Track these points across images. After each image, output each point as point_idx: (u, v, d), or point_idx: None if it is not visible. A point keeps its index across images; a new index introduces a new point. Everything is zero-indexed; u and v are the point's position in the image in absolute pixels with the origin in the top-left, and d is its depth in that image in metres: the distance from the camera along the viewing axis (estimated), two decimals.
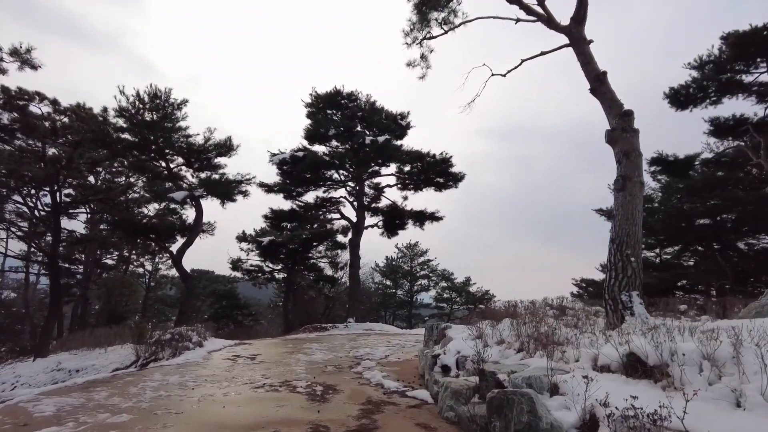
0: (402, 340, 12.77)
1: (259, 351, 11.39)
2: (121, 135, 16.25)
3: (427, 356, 6.87)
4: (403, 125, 20.47)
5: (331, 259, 31.66)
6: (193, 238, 17.64)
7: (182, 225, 18.78)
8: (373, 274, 38.40)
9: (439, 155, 19.62)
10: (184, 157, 17.61)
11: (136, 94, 16.17)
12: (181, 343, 11.83)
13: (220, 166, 18.48)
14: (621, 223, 7.74)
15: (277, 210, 22.33)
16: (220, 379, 7.19)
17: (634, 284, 7.18)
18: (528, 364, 4.97)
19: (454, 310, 38.97)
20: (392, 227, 23.29)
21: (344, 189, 22.55)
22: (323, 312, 33.92)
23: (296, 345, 12.43)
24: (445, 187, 20.92)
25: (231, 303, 43.78)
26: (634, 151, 8.04)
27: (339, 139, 20.20)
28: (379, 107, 20.92)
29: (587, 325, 7.00)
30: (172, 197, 16.22)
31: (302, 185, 20.83)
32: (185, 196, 16.43)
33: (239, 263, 27.20)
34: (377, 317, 37.53)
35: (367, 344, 11.97)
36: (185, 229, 18.43)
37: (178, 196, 16.22)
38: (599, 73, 8.72)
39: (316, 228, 26.63)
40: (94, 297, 25.52)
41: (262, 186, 20.10)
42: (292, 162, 19.36)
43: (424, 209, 21.78)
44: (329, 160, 19.00)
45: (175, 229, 18.70)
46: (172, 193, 16.24)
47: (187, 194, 16.47)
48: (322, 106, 21.03)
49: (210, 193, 17.19)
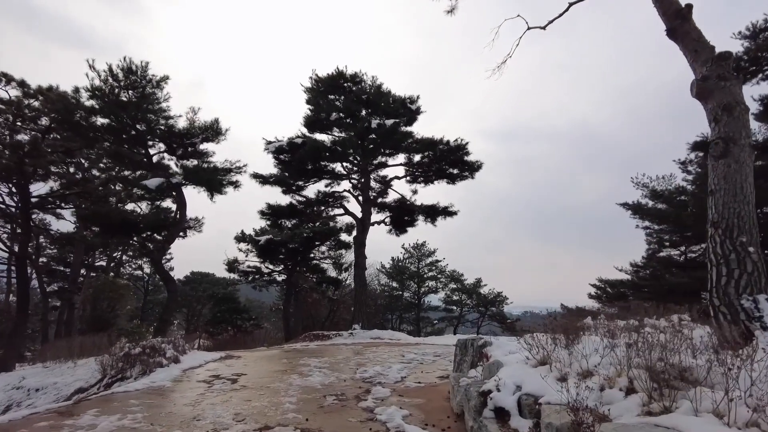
0: (418, 353, 10.71)
1: (245, 368, 9.36)
2: (95, 118, 14.29)
3: (467, 390, 4.80)
4: (412, 110, 18.40)
5: (334, 260, 29.70)
6: (174, 235, 15.64)
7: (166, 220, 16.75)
8: (378, 276, 36.52)
9: (454, 142, 17.54)
10: (165, 142, 15.63)
11: (108, 70, 14.16)
12: (153, 358, 9.83)
13: (207, 154, 16.42)
14: (726, 201, 5.63)
15: (275, 205, 20.31)
16: (175, 422, 5.15)
17: (759, 284, 5.10)
18: (660, 423, 2.91)
19: (464, 313, 37.08)
20: (401, 224, 21.24)
21: (348, 182, 20.54)
22: (327, 316, 31.95)
23: (292, 360, 10.39)
24: (460, 178, 18.82)
25: (230, 307, 41.89)
26: (739, 105, 5.95)
27: (342, 125, 18.18)
28: (386, 90, 18.90)
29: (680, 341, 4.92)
30: (145, 185, 14.14)
31: (302, 177, 18.80)
32: (161, 184, 14.33)
33: (235, 264, 25.22)
34: (383, 321, 35.54)
35: (376, 359, 9.91)
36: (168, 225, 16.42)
37: (152, 184, 14.15)
38: (680, 8, 6.66)
39: (317, 226, 24.63)
40: (80, 302, 23.61)
41: (257, 177, 18.05)
42: (290, 150, 17.35)
43: (436, 203, 19.73)
44: (331, 146, 16.94)
45: (159, 225, 16.67)
46: (146, 180, 14.18)
47: (164, 181, 14.38)
48: (323, 90, 19.03)
49: (192, 182, 15.12)
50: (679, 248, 28.75)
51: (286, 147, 17.51)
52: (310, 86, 19.39)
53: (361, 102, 18.06)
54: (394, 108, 17.85)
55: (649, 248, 30.67)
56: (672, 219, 21.83)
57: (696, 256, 28.48)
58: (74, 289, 23.78)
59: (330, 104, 18.44)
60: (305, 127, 19.14)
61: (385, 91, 18.70)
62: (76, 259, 25.27)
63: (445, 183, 19.95)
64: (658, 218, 22.21)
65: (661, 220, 22.49)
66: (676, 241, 28.07)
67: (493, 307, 36.64)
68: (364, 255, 18.47)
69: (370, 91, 18.51)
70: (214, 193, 16.61)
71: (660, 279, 21.63)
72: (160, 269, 15.70)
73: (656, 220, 23.91)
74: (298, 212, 21.05)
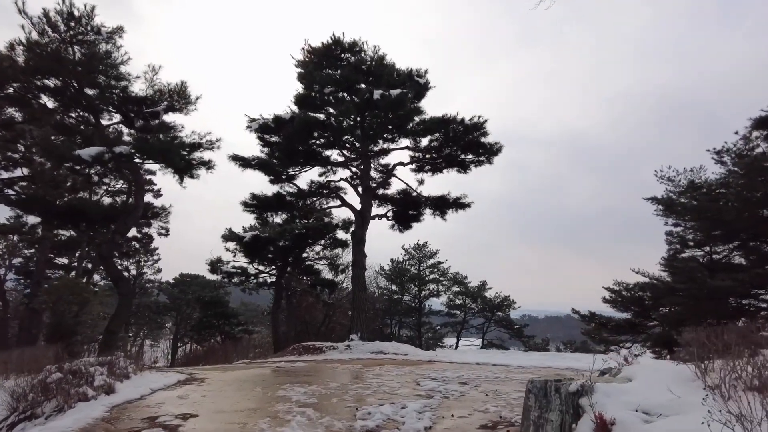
0: (437, 378, 8.10)
1: (201, 403, 6.72)
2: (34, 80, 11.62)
3: None
4: (420, 84, 15.81)
5: (330, 260, 27.07)
6: (129, 224, 12.97)
7: (119, 207, 14.04)
8: (377, 278, 33.98)
9: (469, 120, 14.94)
10: (121, 111, 12.94)
11: (43, 15, 11.44)
12: (76, 388, 7.18)
13: (173, 127, 13.69)
14: None
15: (260, 196, 17.62)
16: None
17: None
18: None
19: (468, 318, 34.65)
20: (405, 218, 18.65)
21: (347, 169, 17.92)
22: (322, 321, 29.32)
23: (270, 387, 7.76)
24: (477, 164, 16.24)
25: (218, 311, 39.04)
26: None
27: (339, 102, 15.54)
28: (390, 63, 16.34)
29: None
30: (77, 155, 11.28)
31: (292, 163, 16.14)
32: (99, 154, 11.45)
33: (219, 265, 22.54)
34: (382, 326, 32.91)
35: (382, 388, 7.28)
36: (121, 213, 13.65)
37: (87, 153, 11.28)
38: None
39: (311, 222, 21.99)
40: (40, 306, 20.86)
41: (236, 159, 15.35)
42: (277, 127, 14.75)
43: (446, 194, 17.11)
44: (326, 122, 14.28)
45: (109, 213, 13.90)
46: (79, 150, 11.36)
47: (103, 151, 11.49)
48: (316, 61, 16.44)
49: (143, 154, 12.29)
50: (703, 248, 26.34)
51: (272, 124, 14.91)
52: (303, 59, 16.80)
53: (361, 72, 15.50)
54: (400, 81, 15.27)
55: (670, 248, 28.24)
56: (710, 215, 19.27)
57: (721, 258, 26.08)
58: (36, 292, 21.04)
59: (325, 78, 15.84)
60: (296, 105, 16.53)
61: (388, 63, 16.14)
62: (40, 257, 22.55)
63: (456, 172, 17.40)
64: (697, 213, 19.60)
65: (697, 216, 19.90)
66: (701, 240, 25.61)
67: (500, 311, 34.20)
68: (363, 253, 15.84)
69: (371, 63, 15.95)
70: (183, 176, 13.87)
71: (697, 281, 19.04)
72: (110, 266, 12.99)
73: (689, 216, 21.34)
74: (288, 205, 18.40)
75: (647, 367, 4.10)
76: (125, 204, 14.52)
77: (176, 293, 41.87)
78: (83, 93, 12.19)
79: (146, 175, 27.87)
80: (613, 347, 30.62)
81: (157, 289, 43.81)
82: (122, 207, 14.06)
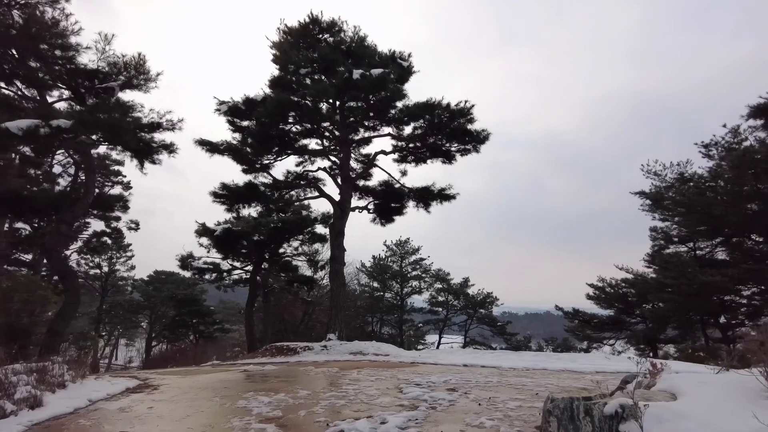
0: (421, 383, 7.18)
1: (145, 419, 5.65)
2: None
3: None
4: (403, 67, 14.85)
5: (309, 256, 26.00)
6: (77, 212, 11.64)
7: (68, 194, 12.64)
8: (358, 275, 33.07)
9: (455, 105, 14.05)
10: (69, 85, 11.58)
11: None
12: None
13: (132, 106, 12.32)
14: None
15: (231, 185, 16.42)
16: None
17: None
18: None
19: (450, 316, 34.03)
20: (387, 211, 17.70)
21: (326, 159, 16.86)
22: (301, 319, 28.27)
23: (229, 398, 6.71)
24: (463, 153, 15.37)
25: (192, 309, 37.46)
26: None
27: (316, 83, 14.45)
28: (371, 45, 15.34)
29: None
30: (5, 128, 9.86)
31: (265, 149, 14.98)
32: (32, 128, 10.00)
33: (189, 260, 21.26)
34: (363, 324, 32.00)
35: (359, 397, 6.33)
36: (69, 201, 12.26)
37: (16, 126, 9.81)
38: None
39: (289, 216, 20.87)
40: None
41: (203, 144, 14.08)
42: (248, 109, 13.60)
43: (431, 185, 16.22)
44: (301, 102, 13.17)
45: (54, 201, 12.47)
46: (7, 123, 9.95)
47: (38, 124, 10.02)
48: (293, 41, 15.33)
49: (87, 129, 10.85)
50: (687, 244, 26.10)
51: (243, 107, 13.77)
52: (279, 40, 15.66)
53: (341, 53, 14.45)
54: (382, 63, 14.25)
55: (654, 244, 27.97)
56: (699, 209, 18.84)
57: (704, 254, 25.89)
58: None
59: (301, 59, 14.74)
60: (270, 89, 15.39)
61: (370, 45, 15.14)
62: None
63: (441, 162, 16.52)
64: (686, 207, 19.16)
65: (687, 210, 19.46)
66: (685, 236, 25.36)
67: (482, 309, 33.66)
68: (342, 247, 14.83)
69: (351, 44, 14.93)
70: (143, 160, 12.57)
71: (687, 277, 18.60)
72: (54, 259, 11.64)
73: (677, 210, 20.91)
74: (262, 196, 17.23)
75: (690, 377, 3.22)
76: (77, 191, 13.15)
77: (150, 291, 40.20)
78: (24, 64, 10.84)
79: (113, 165, 26.35)
80: (596, 344, 30.38)
81: (131, 287, 42.08)
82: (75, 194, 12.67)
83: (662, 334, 25.37)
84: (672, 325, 24.36)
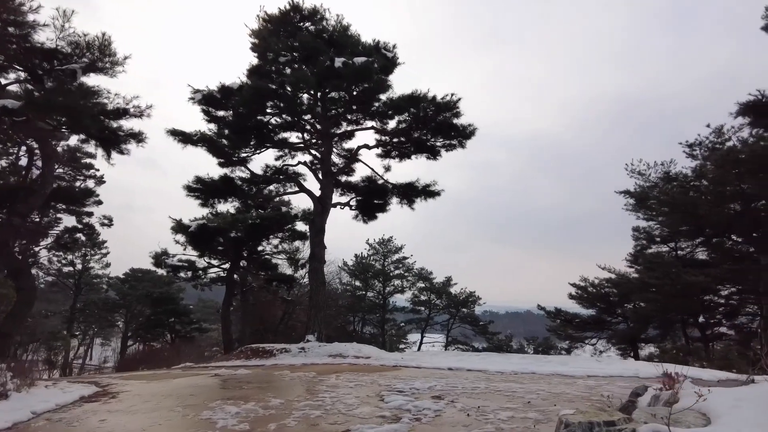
0: (405, 390, 6.67)
1: None
2: None
3: None
4: (388, 57, 14.30)
5: (289, 255, 25.25)
6: (33, 204, 10.72)
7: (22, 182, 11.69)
8: (340, 273, 32.44)
9: (441, 98, 13.57)
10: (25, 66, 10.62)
11: None
12: None
13: (97, 92, 11.34)
14: None
15: (206, 179, 15.64)
16: None
17: None
18: None
19: (432, 315, 33.72)
20: (370, 208, 17.15)
21: (306, 154, 16.23)
22: (281, 319, 27.52)
23: (193, 407, 6.07)
24: (448, 148, 14.90)
25: (168, 309, 36.27)
26: None
27: (297, 72, 13.78)
28: (355, 34, 14.76)
29: None
30: None
31: (243, 141, 14.25)
32: None
33: (163, 258, 20.36)
34: (345, 324, 31.42)
35: (336, 406, 5.77)
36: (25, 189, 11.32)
37: None
38: None
39: (268, 212, 20.15)
40: None
41: (175, 134, 13.26)
42: (223, 98, 12.89)
43: (415, 181, 15.73)
44: (279, 91, 12.50)
45: (8, 190, 11.55)
46: None
47: None
48: (273, 29, 14.65)
49: (42, 110, 9.90)
50: (669, 244, 26.21)
51: (218, 95, 13.06)
52: (258, 28, 14.96)
53: (323, 41, 13.82)
54: (365, 53, 13.65)
55: (637, 244, 28.03)
56: (684, 208, 18.77)
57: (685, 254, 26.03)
58: None
59: (281, 47, 14.07)
60: (248, 78, 14.67)
61: (353, 35, 14.55)
62: None
63: (426, 158, 16.07)
64: (670, 206, 19.07)
65: (671, 209, 19.38)
66: (667, 236, 25.43)
67: (465, 308, 33.44)
68: (323, 244, 14.22)
69: (334, 33, 14.32)
70: (110, 150, 11.67)
71: (671, 277, 18.52)
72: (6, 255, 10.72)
73: (661, 209, 20.86)
74: (239, 191, 16.49)
75: (723, 394, 2.76)
76: (33, 181, 12.23)
77: (126, 289, 38.80)
78: None
79: (84, 158, 25.15)
80: (578, 344, 30.40)
81: (106, 285, 40.64)
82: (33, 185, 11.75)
83: (643, 333, 25.42)
84: (653, 324, 24.39)
